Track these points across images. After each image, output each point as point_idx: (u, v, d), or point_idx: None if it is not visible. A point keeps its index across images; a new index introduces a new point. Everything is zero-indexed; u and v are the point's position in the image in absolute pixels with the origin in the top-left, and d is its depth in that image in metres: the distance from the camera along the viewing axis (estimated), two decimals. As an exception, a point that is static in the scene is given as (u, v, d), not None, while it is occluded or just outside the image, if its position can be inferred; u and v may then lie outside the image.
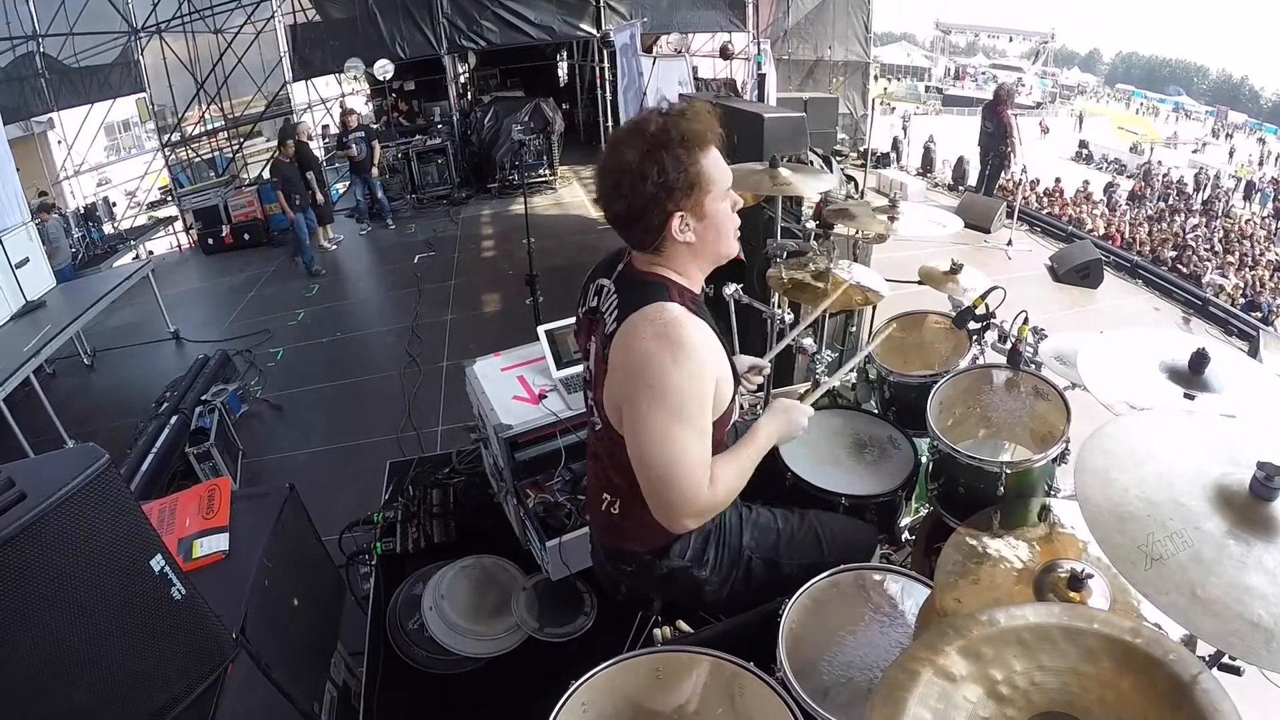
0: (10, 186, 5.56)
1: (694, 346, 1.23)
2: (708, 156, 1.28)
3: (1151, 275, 7.48)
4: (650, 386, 1.22)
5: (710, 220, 1.32)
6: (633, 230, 1.31)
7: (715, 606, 1.60)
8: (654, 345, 1.23)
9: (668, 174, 1.23)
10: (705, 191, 1.28)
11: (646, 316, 1.26)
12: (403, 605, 2.24)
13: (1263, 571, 0.86)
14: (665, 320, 1.25)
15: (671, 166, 1.24)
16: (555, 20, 10.21)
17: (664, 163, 1.23)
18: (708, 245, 1.35)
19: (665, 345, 1.22)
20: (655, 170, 1.23)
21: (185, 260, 9.33)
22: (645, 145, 1.24)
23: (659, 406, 1.22)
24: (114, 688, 1.25)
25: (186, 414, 3.90)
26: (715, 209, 1.31)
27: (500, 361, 2.45)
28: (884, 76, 37.02)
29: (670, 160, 1.24)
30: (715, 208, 1.31)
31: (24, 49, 9.23)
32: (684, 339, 1.23)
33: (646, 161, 1.24)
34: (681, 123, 1.26)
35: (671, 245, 1.32)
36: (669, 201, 1.26)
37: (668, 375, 1.21)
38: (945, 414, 1.84)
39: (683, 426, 1.22)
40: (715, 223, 1.33)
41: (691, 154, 1.25)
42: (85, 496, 1.16)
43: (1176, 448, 1.04)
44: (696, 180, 1.26)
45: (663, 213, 1.27)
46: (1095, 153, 26.78)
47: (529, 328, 2.45)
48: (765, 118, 4.28)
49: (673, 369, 1.21)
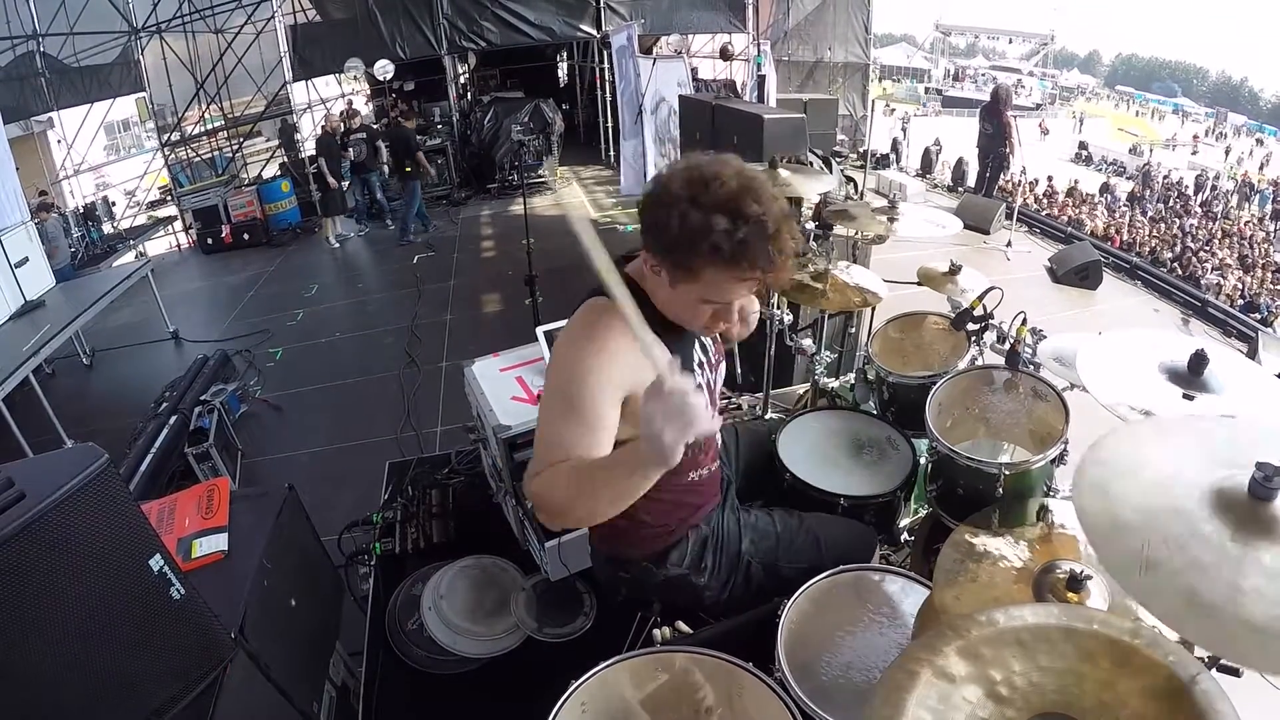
0: (10, 186, 5.56)
1: (603, 333, 1.18)
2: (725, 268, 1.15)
3: (1150, 276, 7.48)
4: (550, 368, 1.26)
5: (676, 296, 1.23)
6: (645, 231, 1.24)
7: (714, 610, 1.61)
8: (570, 331, 1.25)
9: (669, 225, 1.13)
10: (687, 279, 1.18)
11: (586, 306, 1.27)
12: (402, 605, 2.24)
13: (1261, 572, 0.85)
14: (592, 312, 1.24)
15: (675, 223, 1.13)
16: (555, 21, 10.22)
17: (680, 215, 1.12)
18: (666, 305, 1.26)
19: (580, 328, 1.24)
20: (672, 222, 1.13)
21: (184, 260, 9.33)
22: (690, 205, 1.12)
23: (550, 379, 1.25)
24: (112, 687, 1.25)
25: (186, 414, 3.90)
26: (686, 299, 1.22)
27: (499, 362, 2.45)
28: (884, 78, 37.07)
29: (688, 216, 1.12)
30: (687, 298, 1.22)
31: (24, 48, 9.22)
32: (594, 335, 1.20)
33: (676, 214, 1.13)
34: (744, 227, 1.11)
35: (646, 269, 1.25)
36: (655, 247, 1.20)
37: (565, 353, 1.23)
38: (944, 415, 1.85)
39: (554, 398, 1.22)
40: (678, 300, 1.23)
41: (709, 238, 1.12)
42: (84, 496, 1.16)
43: (1174, 454, 1.04)
44: (688, 263, 1.16)
45: (646, 243, 1.22)
46: (1095, 154, 26.81)
47: (528, 328, 2.45)
48: (765, 119, 4.28)
49: (570, 349, 1.22)
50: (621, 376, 1.18)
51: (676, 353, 1.26)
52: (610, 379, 1.17)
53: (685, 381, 0.96)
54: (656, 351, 1.02)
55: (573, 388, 1.17)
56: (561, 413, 1.18)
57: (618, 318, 1.10)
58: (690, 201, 1.13)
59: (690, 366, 1.35)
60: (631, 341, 1.09)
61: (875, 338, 2.41)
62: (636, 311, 1.03)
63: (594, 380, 1.17)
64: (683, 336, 1.33)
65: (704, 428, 0.97)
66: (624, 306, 1.02)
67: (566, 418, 1.17)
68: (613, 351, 1.17)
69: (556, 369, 1.24)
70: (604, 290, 1.13)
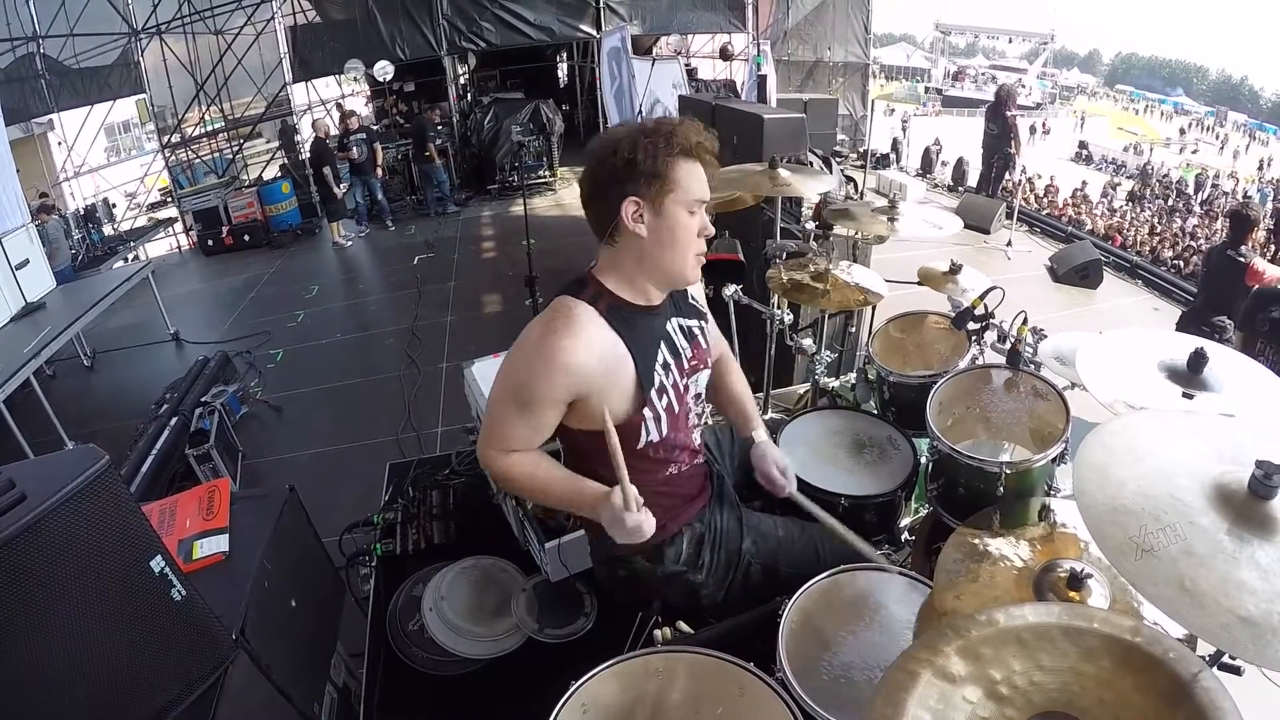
0: (10, 187, 5.57)
1: (554, 346, 1.27)
2: (686, 163, 1.32)
3: (1151, 275, 7.48)
4: (509, 355, 1.36)
5: (666, 222, 1.32)
6: (592, 210, 1.36)
7: (712, 609, 1.61)
8: (532, 328, 1.33)
9: (636, 155, 1.27)
10: (669, 189, 1.30)
11: (551, 305, 1.35)
12: (403, 606, 2.24)
13: (1255, 568, 0.86)
14: (555, 311, 1.33)
15: (643, 151, 1.27)
16: (554, 22, 10.22)
17: (638, 144, 1.27)
18: (660, 249, 1.34)
19: (536, 330, 1.32)
20: (628, 148, 1.28)
21: (185, 261, 9.34)
22: (630, 130, 1.31)
23: (503, 372, 1.36)
24: (113, 689, 1.25)
25: (186, 415, 3.90)
26: (675, 212, 1.32)
27: (499, 363, 2.44)
28: (884, 78, 37.06)
29: (645, 145, 1.28)
30: (675, 210, 1.32)
31: (24, 50, 9.22)
32: (552, 334, 1.28)
33: (625, 141, 1.29)
34: (675, 126, 1.31)
35: (624, 237, 1.33)
36: (629, 182, 1.29)
37: (518, 349, 1.33)
38: (945, 414, 1.84)
39: (507, 399, 1.34)
40: (670, 227, 1.33)
41: (670, 151, 1.29)
42: (85, 498, 1.16)
43: (1177, 445, 1.04)
44: (663, 173, 1.29)
45: (620, 193, 1.29)
46: (1095, 153, 26.81)
47: (529, 329, 2.45)
48: (765, 118, 4.28)
49: (521, 345, 1.33)
50: (572, 384, 1.30)
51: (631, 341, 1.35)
52: (563, 385, 1.29)
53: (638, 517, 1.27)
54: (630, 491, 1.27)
55: (526, 392, 1.31)
56: (514, 408, 1.34)
57: (582, 321, 1.29)
58: (636, 132, 1.30)
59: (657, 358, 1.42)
60: (587, 349, 1.27)
61: (876, 337, 2.41)
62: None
63: (546, 388, 1.29)
64: (638, 322, 1.39)
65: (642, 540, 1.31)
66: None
67: (516, 413, 1.34)
68: (568, 364, 1.27)
69: (518, 360, 1.33)
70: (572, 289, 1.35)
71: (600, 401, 1.29)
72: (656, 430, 1.42)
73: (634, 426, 1.38)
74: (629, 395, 1.35)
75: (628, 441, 1.35)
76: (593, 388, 1.30)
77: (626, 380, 1.34)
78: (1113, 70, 55.38)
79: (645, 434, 1.41)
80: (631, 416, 1.37)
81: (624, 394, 1.35)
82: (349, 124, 8.71)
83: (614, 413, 1.31)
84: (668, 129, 1.29)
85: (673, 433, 1.45)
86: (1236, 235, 4.12)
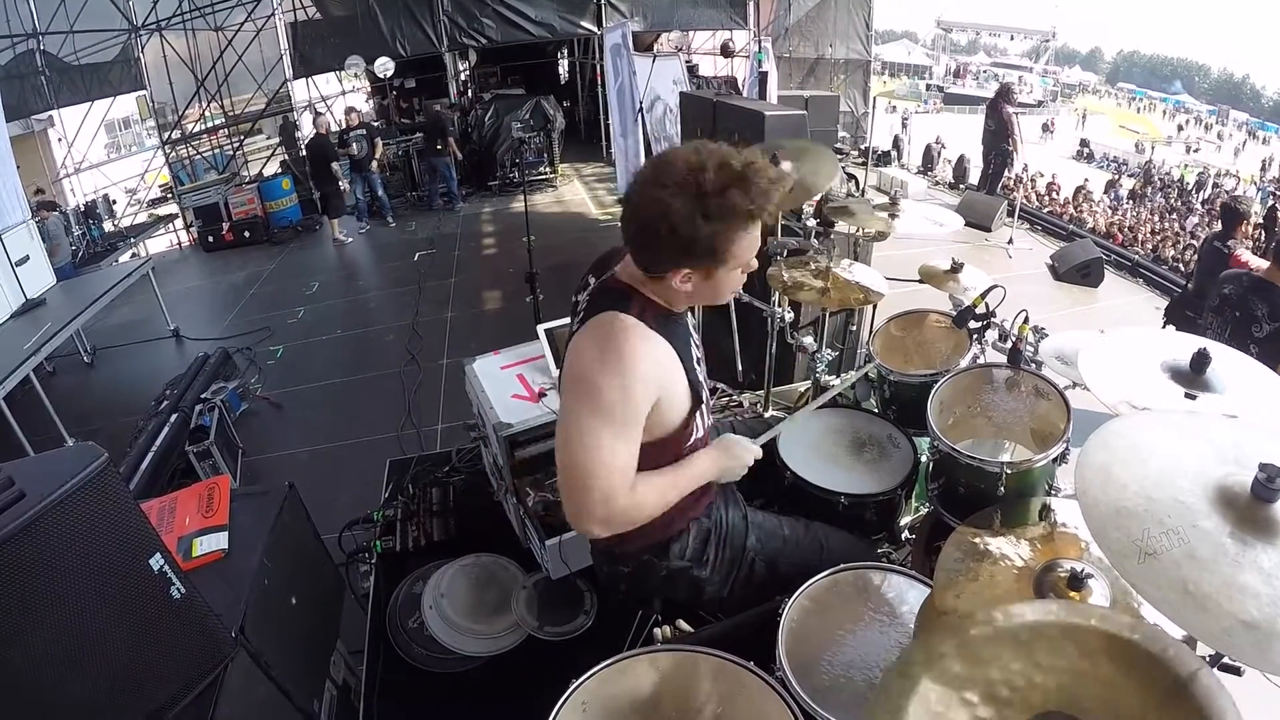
0: (10, 184, 5.56)
1: (630, 358, 1.23)
2: (746, 234, 1.24)
3: (1152, 274, 7.46)
4: (580, 388, 1.25)
5: (714, 284, 1.31)
6: (639, 255, 1.30)
7: (715, 606, 1.61)
8: (592, 350, 1.26)
9: (696, 239, 1.19)
10: (723, 264, 1.26)
11: (600, 322, 1.28)
12: (403, 604, 2.24)
13: (1258, 571, 0.86)
14: (612, 328, 1.26)
15: (703, 234, 1.19)
16: (555, 18, 10.20)
17: (696, 228, 1.18)
18: (702, 297, 1.36)
19: (601, 350, 1.24)
20: (686, 228, 1.18)
21: (185, 258, 9.32)
22: (688, 203, 1.17)
23: (586, 407, 1.23)
24: (113, 686, 1.25)
25: (186, 412, 3.90)
26: (725, 277, 1.30)
27: (500, 360, 2.45)
28: (886, 75, 36.98)
29: (704, 228, 1.18)
30: (726, 276, 1.30)
31: (24, 46, 9.19)
32: (621, 348, 1.23)
33: (677, 210, 1.17)
34: (734, 192, 1.17)
35: (667, 283, 1.30)
36: (684, 258, 1.24)
37: (596, 378, 1.23)
38: (945, 413, 1.84)
39: (605, 427, 1.22)
40: (717, 286, 1.32)
41: (731, 229, 1.21)
42: (84, 495, 1.16)
43: (1180, 447, 1.04)
44: (721, 255, 1.23)
45: (673, 264, 1.26)
46: (1096, 151, 26.76)
47: (529, 326, 2.44)
48: (766, 115, 4.28)
49: (601, 373, 1.23)
50: (649, 392, 1.26)
51: (676, 345, 1.32)
52: (645, 394, 1.25)
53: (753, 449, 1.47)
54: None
55: (620, 410, 1.23)
56: (617, 432, 1.23)
57: (641, 331, 1.25)
58: (697, 206, 1.17)
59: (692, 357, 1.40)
60: (654, 356, 1.25)
61: (876, 336, 2.41)
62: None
63: (639, 395, 1.24)
64: (677, 326, 1.37)
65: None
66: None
67: (621, 437, 1.24)
68: (646, 372, 1.24)
69: (591, 386, 1.23)
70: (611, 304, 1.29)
71: (662, 410, 1.30)
72: (702, 426, 1.44)
73: (688, 428, 1.39)
74: (685, 397, 1.36)
75: (675, 446, 1.38)
76: (662, 394, 1.29)
77: (681, 384, 1.34)
78: (1114, 68, 55.27)
79: (695, 433, 1.42)
80: (687, 419, 1.38)
81: (681, 397, 1.35)
82: (349, 120, 8.70)
83: (675, 416, 1.34)
84: (727, 206, 1.17)
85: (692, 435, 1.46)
86: (1227, 228, 4.31)
